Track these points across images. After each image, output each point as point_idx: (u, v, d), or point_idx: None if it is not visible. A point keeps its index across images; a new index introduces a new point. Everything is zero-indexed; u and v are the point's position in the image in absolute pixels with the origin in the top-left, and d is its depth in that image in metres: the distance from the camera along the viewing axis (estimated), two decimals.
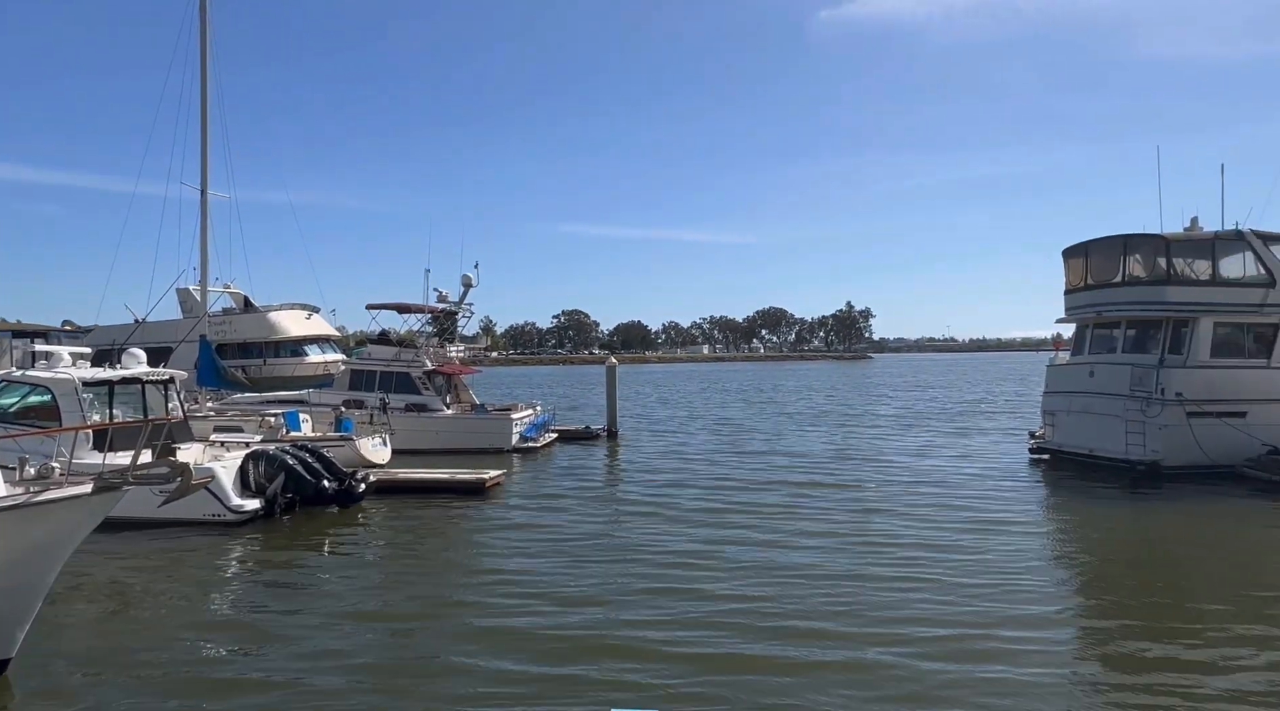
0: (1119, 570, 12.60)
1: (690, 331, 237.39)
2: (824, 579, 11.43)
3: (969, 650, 8.68)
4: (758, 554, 12.90)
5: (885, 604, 10.24)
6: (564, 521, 15.69)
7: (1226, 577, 11.76)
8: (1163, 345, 20.91)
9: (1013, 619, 9.67)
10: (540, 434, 28.31)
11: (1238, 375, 20.26)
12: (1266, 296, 20.73)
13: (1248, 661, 8.38)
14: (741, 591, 10.81)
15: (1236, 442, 19.52)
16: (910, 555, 12.74)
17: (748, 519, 15.58)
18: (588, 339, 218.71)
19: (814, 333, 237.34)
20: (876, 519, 15.55)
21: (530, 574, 11.86)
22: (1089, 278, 23.32)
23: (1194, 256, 21.51)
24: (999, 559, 12.53)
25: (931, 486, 19.24)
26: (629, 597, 10.54)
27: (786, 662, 8.37)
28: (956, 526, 14.82)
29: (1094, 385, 21.91)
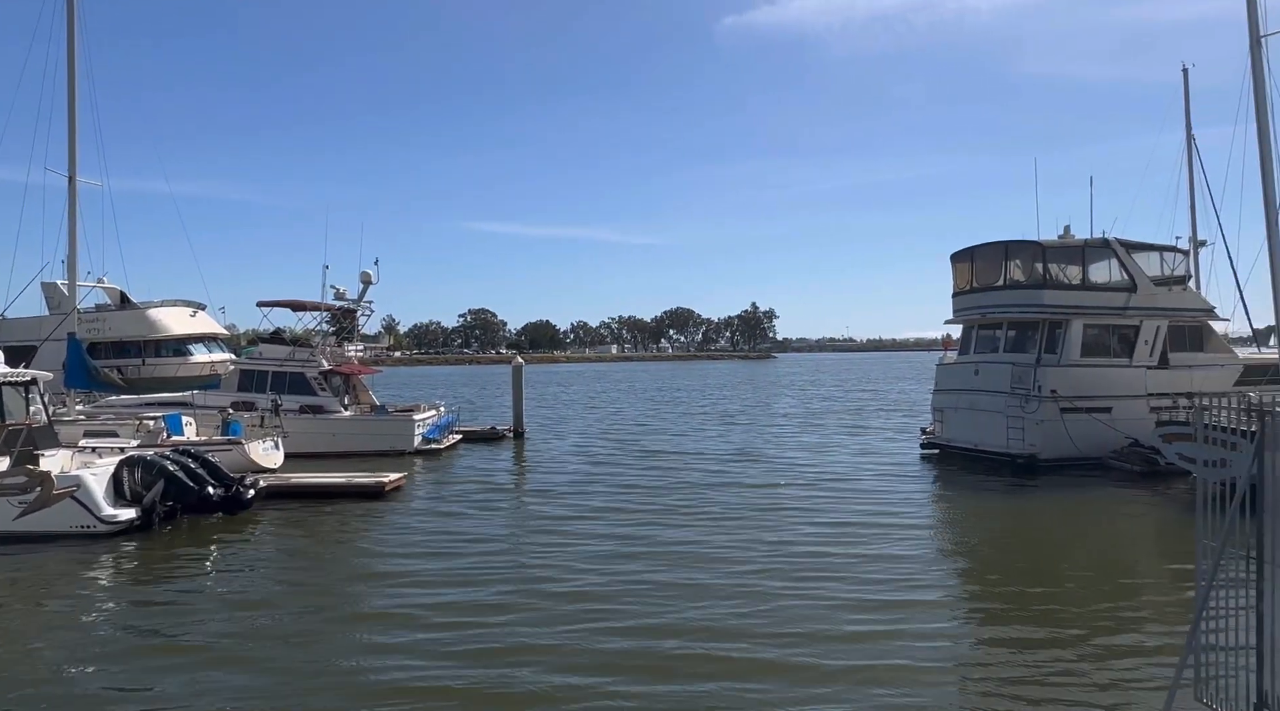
0: (1001, 556, 13.38)
1: (599, 331, 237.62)
2: (726, 576, 11.60)
3: (863, 633, 9.02)
4: (661, 552, 12.98)
5: (784, 596, 10.48)
6: (467, 525, 15.37)
7: (1094, 562, 12.64)
8: (1039, 345, 22.31)
9: (905, 605, 10.10)
10: (444, 435, 27.68)
11: (1104, 373, 21.85)
12: (1129, 300, 22.43)
13: (1111, 638, 9.01)
14: (645, 592, 10.82)
15: (1103, 436, 21.04)
16: (807, 548, 13.10)
17: (651, 519, 15.63)
18: (495, 338, 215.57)
19: (720, 333, 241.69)
20: (775, 515, 15.92)
21: (431, 581, 11.51)
22: (974, 281, 24.64)
23: (1066, 262, 23.06)
24: (891, 549, 13.07)
25: (828, 481, 19.88)
26: (533, 603, 10.34)
27: (689, 656, 8.45)
28: (852, 520, 15.36)
29: (979, 383, 23.17)
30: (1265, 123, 17.59)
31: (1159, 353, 22.37)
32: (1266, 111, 17.68)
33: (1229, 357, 23.51)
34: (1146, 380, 21.86)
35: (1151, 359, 22.27)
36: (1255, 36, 17.73)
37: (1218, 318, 24.03)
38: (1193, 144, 27.96)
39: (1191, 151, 27.94)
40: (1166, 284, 23.37)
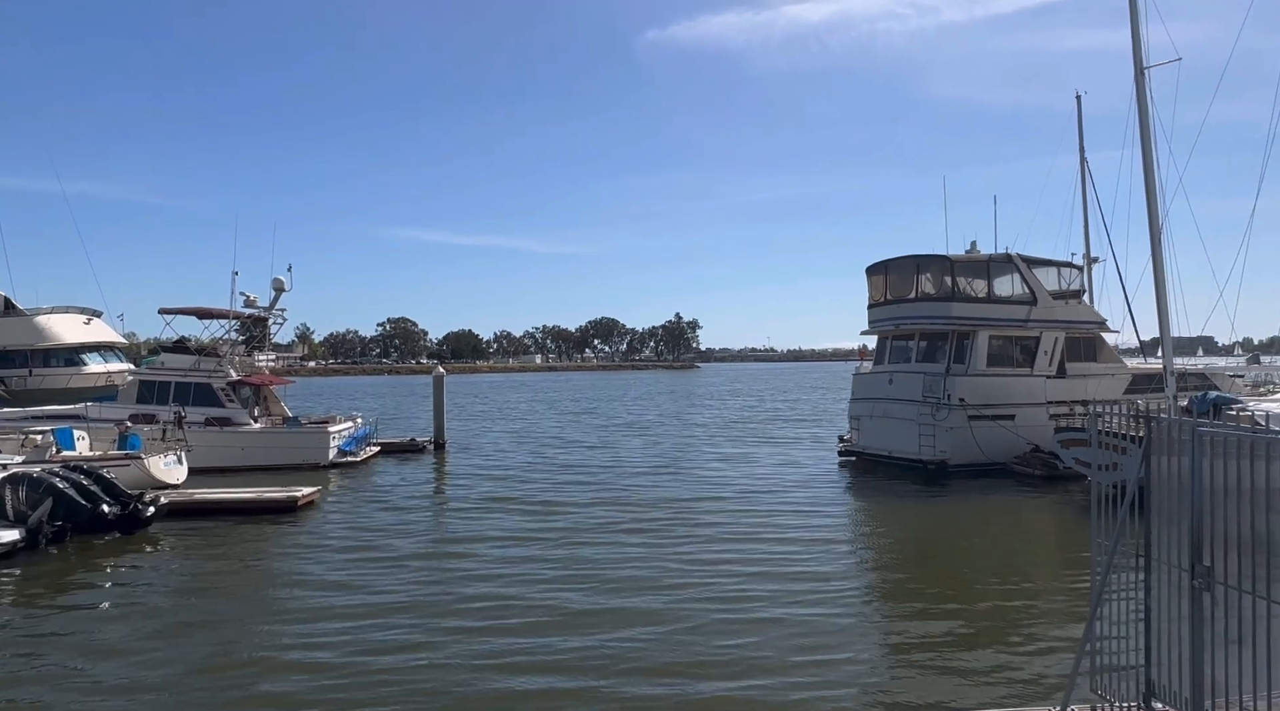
0: (913, 558, 13.84)
1: (523, 341, 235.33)
2: (644, 588, 11.60)
3: (785, 632, 9.16)
4: (582, 561, 12.91)
5: (708, 607, 10.56)
6: (384, 540, 14.89)
7: (1000, 562, 13.23)
8: (949, 355, 23.28)
9: (827, 601, 10.32)
10: (361, 447, 26.85)
11: (1008, 382, 22.95)
12: (1030, 313, 23.65)
13: (1015, 633, 9.44)
14: (565, 606, 10.59)
15: (1007, 442, 22.08)
16: (724, 556, 13.25)
17: (572, 530, 15.47)
18: (415, 348, 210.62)
19: (645, 343, 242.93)
20: (693, 526, 16.01)
21: (344, 608, 10.77)
22: (888, 294, 25.53)
23: (973, 276, 24.17)
24: (808, 553, 13.35)
25: (747, 491, 20.16)
26: (445, 632, 9.62)
27: (598, 655, 8.41)
28: (773, 524, 15.64)
29: (892, 392, 23.98)
30: (1149, 148, 18.86)
31: (1057, 363, 23.66)
32: (1150, 137, 18.97)
33: (1119, 367, 25.07)
34: (1046, 389, 23.09)
35: (1050, 368, 23.53)
36: (1139, 67, 19.03)
37: (1109, 329, 25.59)
38: (1086, 166, 29.74)
39: (1085, 173, 29.71)
40: (1064, 297, 24.77)
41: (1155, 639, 5.47)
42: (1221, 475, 4.95)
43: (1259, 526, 4.69)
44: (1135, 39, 19.09)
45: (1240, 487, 4.81)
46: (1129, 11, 18.96)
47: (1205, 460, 5.07)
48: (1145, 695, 5.52)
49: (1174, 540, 5.33)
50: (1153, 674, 5.49)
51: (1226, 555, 4.91)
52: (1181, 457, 5.28)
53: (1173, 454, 5.37)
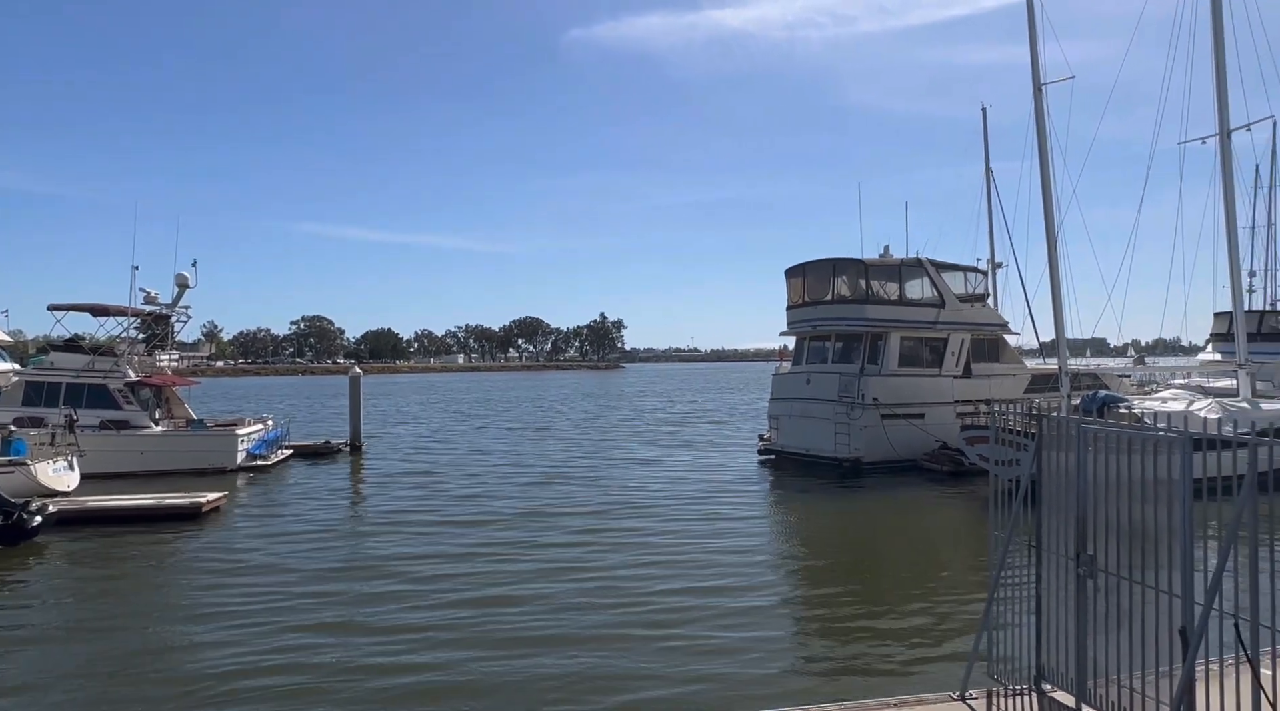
0: (827, 551, 14.26)
1: (445, 340, 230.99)
2: (563, 603, 11.53)
3: (701, 628, 9.29)
4: (498, 574, 12.62)
5: (628, 603, 10.62)
6: (293, 548, 14.36)
7: (908, 553, 13.77)
8: (863, 356, 24.05)
9: (743, 597, 10.52)
10: (272, 450, 25.85)
11: (918, 382, 23.87)
12: (938, 315, 24.66)
13: (921, 620, 9.84)
14: (480, 618, 10.18)
15: (917, 439, 22.96)
16: (647, 554, 13.37)
17: (489, 538, 14.97)
18: (332, 347, 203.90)
19: (569, 343, 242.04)
20: (618, 520, 16.12)
21: (248, 625, 10.05)
22: (806, 296, 26.18)
23: (886, 280, 25.02)
24: (729, 548, 13.59)
25: (670, 489, 20.38)
26: (355, 653, 9.03)
27: (514, 674, 8.36)
28: (692, 524, 15.83)
29: (810, 391, 24.60)
30: (1046, 160, 19.95)
31: (963, 363, 24.74)
32: (1047, 150, 20.06)
33: (1020, 368, 26.41)
34: (953, 388, 24.12)
35: (957, 369, 24.60)
36: (1037, 84, 20.11)
37: (1011, 331, 26.92)
38: (990, 176, 31.24)
39: (989, 183, 31.19)
40: (969, 301, 25.92)
41: (1045, 624, 5.80)
42: (1104, 469, 5.29)
43: (1136, 517, 5.03)
44: (1033, 57, 20.17)
45: (1120, 480, 5.15)
46: (1028, 31, 20.02)
47: (1090, 455, 5.41)
48: (1036, 677, 5.84)
49: (1062, 531, 5.66)
50: (1043, 657, 5.82)
51: (1108, 544, 5.25)
52: (1069, 453, 5.61)
53: (1061, 450, 5.71)
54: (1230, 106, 19.53)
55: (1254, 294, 40.93)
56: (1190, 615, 4.56)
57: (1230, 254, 20.22)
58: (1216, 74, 19.46)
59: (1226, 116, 19.62)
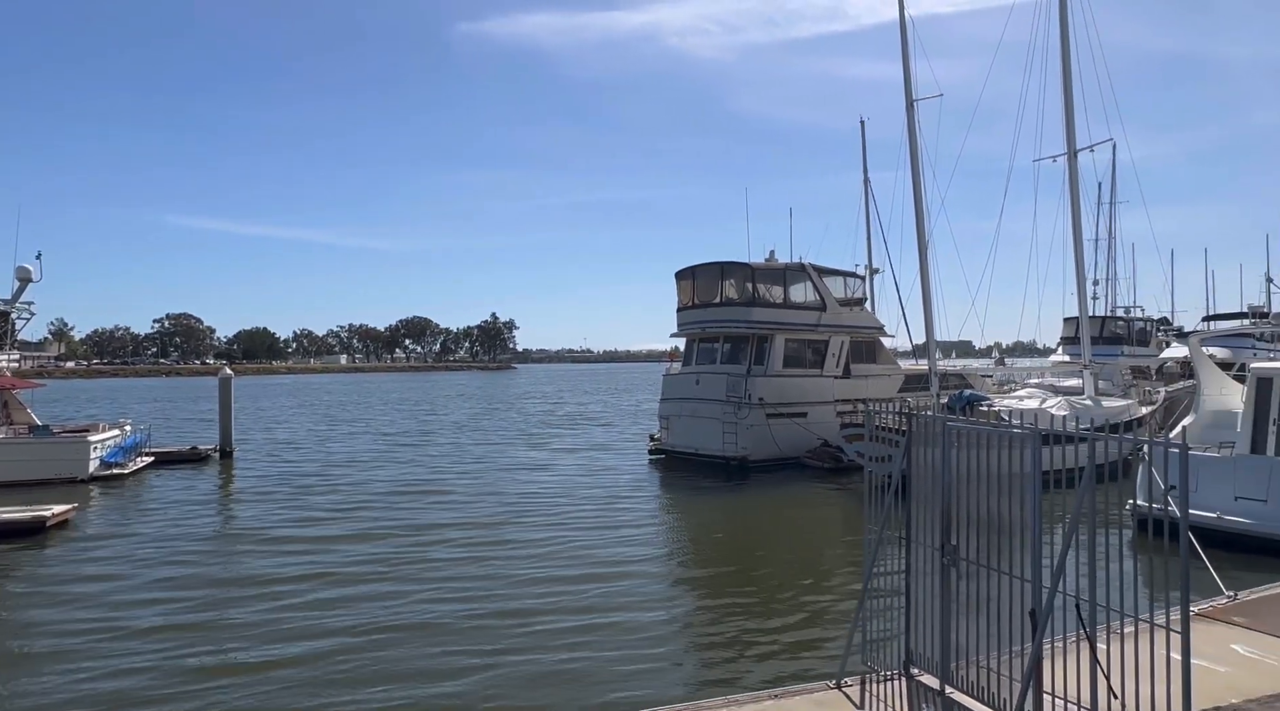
0: (714, 547, 14.56)
1: (326, 340, 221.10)
2: (452, 608, 11.30)
3: (596, 624, 9.29)
4: (374, 598, 11.68)
5: (516, 608, 10.48)
6: (145, 568, 13.07)
7: (792, 547, 14.25)
8: (750, 357, 24.72)
9: (630, 594, 10.59)
10: (130, 458, 23.98)
11: (801, 382, 24.76)
12: (820, 318, 25.67)
13: (803, 612, 10.21)
14: (361, 649, 9.25)
15: (800, 437, 23.81)
16: (540, 553, 13.25)
17: (369, 554, 13.88)
18: (201, 347, 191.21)
19: (460, 343, 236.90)
20: (507, 526, 15.89)
21: (87, 650, 9.22)
22: (695, 298, 26.68)
23: (771, 283, 25.83)
24: (619, 552, 13.65)
25: (562, 487, 20.29)
26: (223, 684, 8.16)
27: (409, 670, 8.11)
28: (581, 524, 15.81)
29: (699, 392, 25.07)
30: (917, 171, 21.14)
31: (843, 364, 25.87)
32: (918, 162, 21.26)
33: (895, 369, 27.86)
34: (834, 388, 25.16)
35: (837, 370, 25.69)
36: (909, 99, 21.29)
37: (886, 334, 28.37)
38: (868, 186, 32.82)
39: (867, 192, 32.78)
40: (849, 305, 27.12)
41: (913, 612, 6.12)
42: (966, 464, 5.64)
43: (994, 508, 5.38)
44: (906, 74, 21.33)
45: (980, 474, 5.50)
46: (901, 50, 21.17)
47: (954, 451, 5.75)
48: (905, 662, 6.16)
49: (929, 523, 5.99)
50: (912, 643, 6.14)
51: (969, 534, 5.60)
52: (935, 449, 5.95)
53: (929, 446, 6.04)
54: (1077, 129, 21.32)
55: (1097, 301, 45.03)
56: (1039, 598, 4.92)
57: (1077, 264, 22.06)
58: (1065, 99, 21.21)
59: (1074, 138, 21.39)
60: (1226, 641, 7.20)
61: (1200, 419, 15.36)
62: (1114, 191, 45.64)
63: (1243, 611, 8.06)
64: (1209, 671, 6.28)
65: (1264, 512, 12.34)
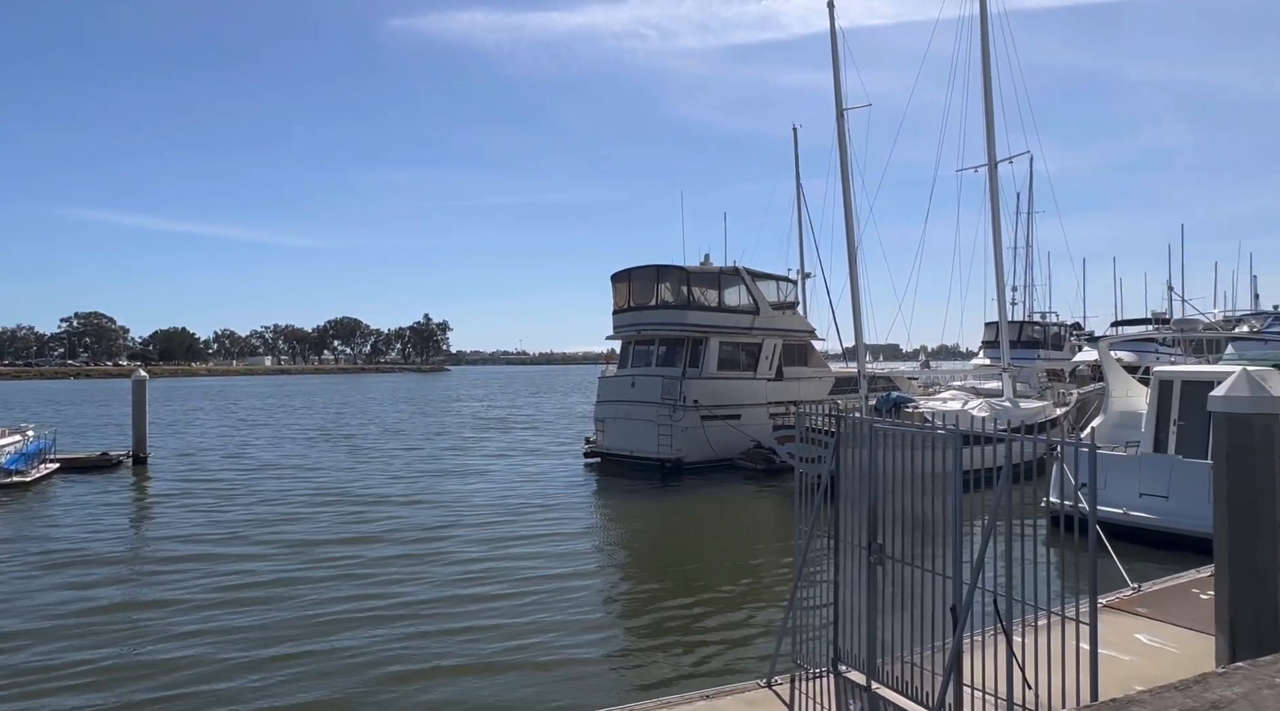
0: (650, 550, 14.62)
1: (250, 341, 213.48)
2: (381, 610, 11.05)
3: (531, 632, 9.19)
4: (305, 614, 11.22)
5: (449, 616, 10.30)
6: (42, 588, 12.15)
7: (726, 549, 14.40)
8: (685, 360, 24.90)
9: (569, 601, 10.52)
10: (33, 465, 22.64)
11: (735, 385, 25.07)
12: (754, 321, 26.05)
13: (736, 612, 10.32)
14: (285, 679, 8.69)
15: (734, 439, 24.10)
16: (473, 561, 13.06)
17: (292, 572, 12.95)
18: (113, 348, 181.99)
19: (391, 345, 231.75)
20: (438, 533, 15.61)
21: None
22: (631, 300, 26.73)
23: (706, 286, 26.09)
24: (555, 555, 13.56)
25: (496, 492, 20.05)
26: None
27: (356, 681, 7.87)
28: (518, 528, 15.66)
29: (634, 394, 25.12)
30: (847, 179, 21.66)
31: (776, 367, 26.30)
32: (848, 169, 21.79)
33: (825, 371, 28.48)
34: (767, 390, 25.56)
35: (770, 372, 26.10)
36: (839, 109, 21.81)
37: (817, 337, 28.99)
38: (801, 192, 33.48)
39: (800, 198, 33.43)
40: (781, 308, 27.60)
41: (841, 610, 6.26)
42: (892, 464, 5.79)
43: (918, 507, 5.54)
44: (836, 84, 21.86)
45: (905, 474, 5.66)
46: (832, 60, 21.68)
47: (880, 452, 5.90)
48: (833, 660, 6.28)
49: (856, 522, 6.13)
50: (840, 640, 6.27)
51: (895, 533, 5.75)
52: (862, 450, 6.09)
53: (856, 447, 6.18)
54: (997, 141, 22.20)
55: (1016, 306, 46.94)
56: (959, 594, 5.08)
57: (997, 271, 22.96)
58: (986, 112, 22.06)
59: (994, 149, 22.28)
60: (1131, 631, 7.59)
61: (1108, 419, 16.16)
62: (1031, 202, 47.75)
63: (1146, 602, 8.51)
64: (1115, 660, 6.60)
65: (1165, 508, 13.05)
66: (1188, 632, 7.49)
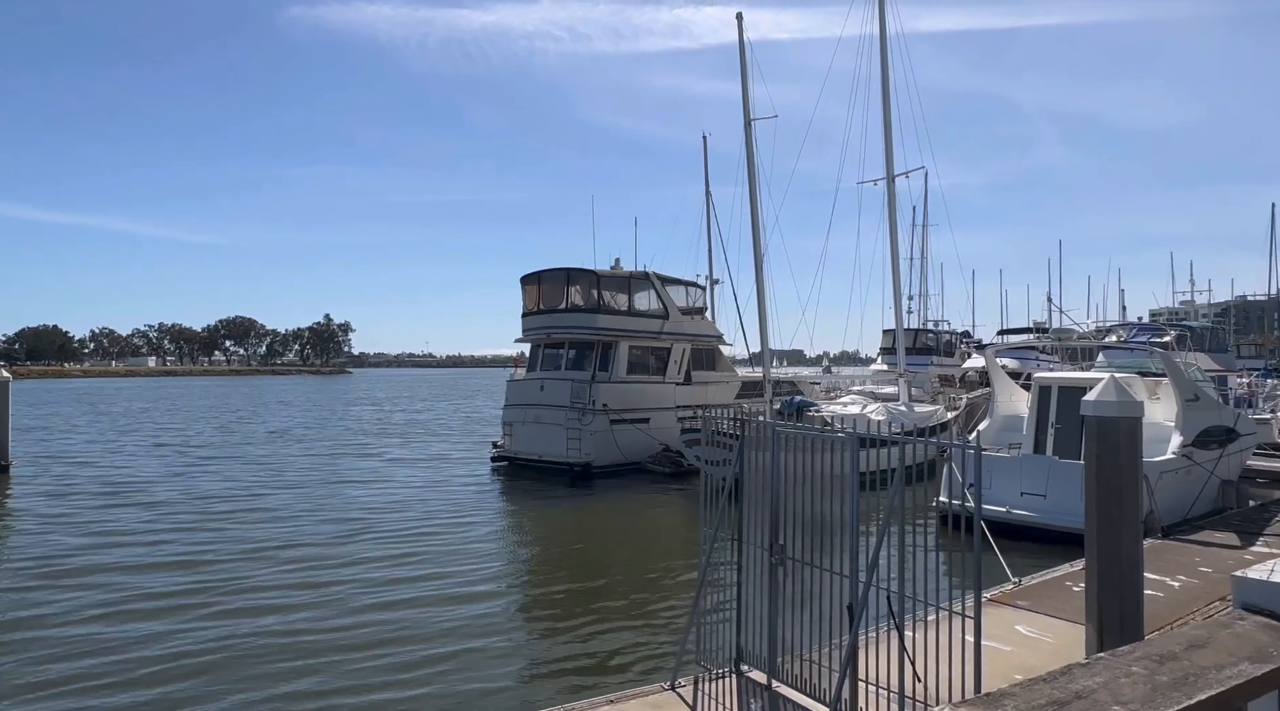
0: (558, 556, 14.47)
1: (132, 340, 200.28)
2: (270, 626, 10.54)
3: (436, 643, 8.94)
4: (197, 611, 11.15)
5: (347, 632, 9.91)
6: None
7: (634, 553, 14.44)
8: (594, 363, 24.87)
9: (475, 612, 10.29)
10: None
11: (644, 389, 25.22)
12: (663, 326, 26.29)
13: (643, 616, 10.35)
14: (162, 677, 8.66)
15: (643, 443, 24.23)
16: (373, 576, 12.62)
17: (173, 578, 12.45)
18: None
19: (289, 345, 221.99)
20: (334, 546, 15.01)
21: None
22: (541, 303, 26.51)
23: (617, 291, 26.16)
24: (461, 565, 13.25)
25: (398, 500, 19.46)
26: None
27: None
28: (421, 539, 15.22)
29: (543, 398, 24.91)
30: (755, 187, 22.18)
31: (684, 371, 26.62)
32: (755, 178, 22.32)
33: (733, 376, 29.03)
34: (675, 394, 25.83)
35: (679, 376, 26.40)
36: (747, 118, 22.31)
37: (725, 342, 29.50)
38: (710, 199, 34.05)
39: (709, 205, 33.99)
40: (690, 313, 27.96)
41: (744, 610, 6.36)
42: (793, 466, 5.93)
43: (818, 508, 5.70)
44: (744, 94, 22.35)
45: (806, 476, 5.81)
46: (740, 70, 22.16)
47: (782, 455, 6.04)
48: (736, 660, 6.38)
49: (759, 523, 6.26)
50: (742, 641, 6.37)
51: (796, 534, 5.89)
52: (765, 453, 6.22)
53: (760, 450, 6.31)
54: (895, 156, 23.20)
55: (912, 315, 49.22)
56: (855, 592, 5.25)
57: (894, 280, 23.99)
58: (885, 128, 23.03)
59: (892, 164, 23.27)
60: (1012, 623, 8.04)
61: (994, 423, 17.10)
62: (926, 215, 50.22)
63: (1026, 595, 9.03)
64: (998, 652, 6.97)
65: (1044, 506, 13.90)
66: (1062, 623, 7.99)
